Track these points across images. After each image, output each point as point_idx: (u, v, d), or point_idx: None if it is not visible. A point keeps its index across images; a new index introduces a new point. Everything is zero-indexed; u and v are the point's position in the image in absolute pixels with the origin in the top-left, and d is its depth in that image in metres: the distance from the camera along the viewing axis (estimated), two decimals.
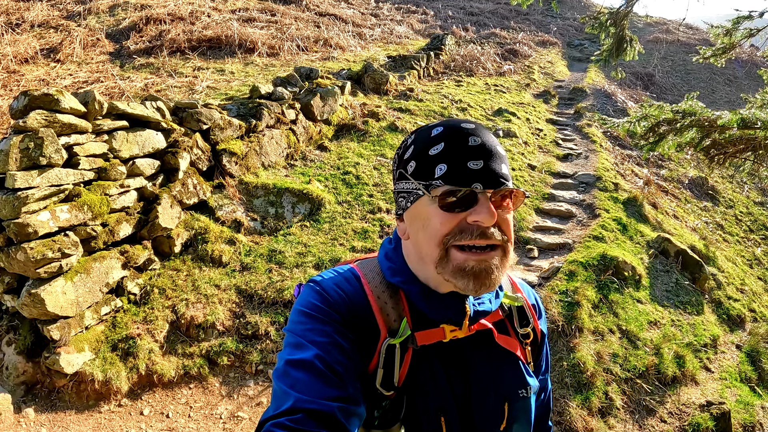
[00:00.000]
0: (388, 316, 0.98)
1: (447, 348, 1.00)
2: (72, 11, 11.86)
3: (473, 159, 0.90)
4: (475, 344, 1.03)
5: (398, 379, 0.95)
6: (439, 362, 0.99)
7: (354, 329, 0.94)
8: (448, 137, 0.93)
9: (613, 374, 4.45)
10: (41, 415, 3.80)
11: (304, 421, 0.78)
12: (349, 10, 16.88)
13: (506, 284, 1.16)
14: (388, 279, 1.02)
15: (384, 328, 0.97)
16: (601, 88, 14.49)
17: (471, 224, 0.89)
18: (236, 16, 12.72)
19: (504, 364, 1.05)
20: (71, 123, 4.19)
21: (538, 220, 7.08)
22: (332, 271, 1.06)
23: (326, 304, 0.95)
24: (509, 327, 1.10)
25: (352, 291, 1.00)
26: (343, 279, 1.02)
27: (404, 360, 0.96)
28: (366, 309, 0.98)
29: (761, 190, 11.60)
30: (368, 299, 0.99)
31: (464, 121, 0.97)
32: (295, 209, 5.88)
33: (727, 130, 5.23)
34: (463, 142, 0.92)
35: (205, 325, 4.48)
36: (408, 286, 1.00)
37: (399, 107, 9.16)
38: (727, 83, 20.00)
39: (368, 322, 0.97)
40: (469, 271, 0.89)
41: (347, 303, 0.97)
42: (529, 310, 1.15)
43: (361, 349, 0.94)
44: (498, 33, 18.20)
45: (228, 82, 8.88)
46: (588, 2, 28.31)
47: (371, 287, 1.02)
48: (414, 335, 0.97)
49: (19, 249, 3.76)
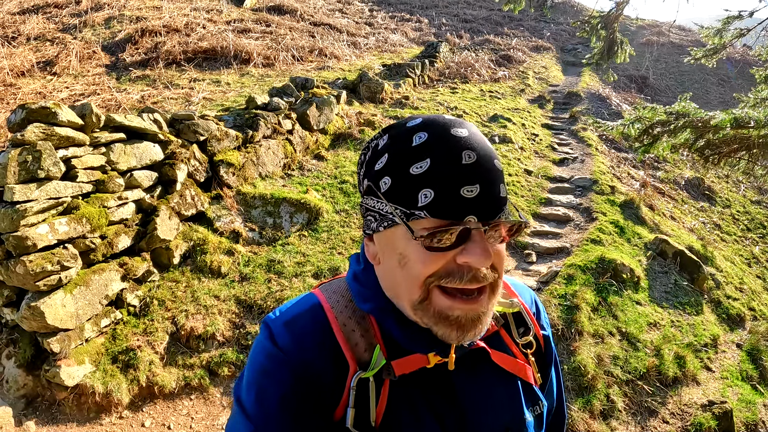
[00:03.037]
0: (357, 346, 0.83)
1: (432, 375, 0.84)
2: (68, 24, 11.91)
3: (468, 183, 0.72)
4: (467, 367, 0.87)
5: (375, 419, 0.80)
6: (422, 393, 0.83)
7: (309, 378, 0.80)
8: (436, 150, 0.74)
9: (614, 376, 4.45)
10: (42, 428, 3.78)
11: None
12: (343, 19, 16.99)
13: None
14: (358, 305, 0.86)
15: (353, 360, 0.81)
16: (596, 92, 14.58)
17: (461, 265, 0.74)
18: (231, 27, 12.79)
19: (503, 387, 0.90)
20: (69, 136, 4.21)
21: (536, 225, 7.10)
22: (291, 305, 0.90)
23: (274, 360, 0.81)
24: (507, 338, 0.95)
25: (310, 327, 0.84)
26: (298, 315, 0.87)
27: (381, 395, 0.81)
28: (329, 343, 0.83)
29: (757, 189, 11.66)
30: (332, 331, 0.84)
31: (453, 122, 0.78)
32: (293, 219, 5.89)
33: (721, 130, 5.27)
34: (455, 158, 0.73)
35: (205, 336, 4.48)
36: (382, 316, 0.83)
37: (395, 115, 9.20)
38: (720, 83, 20.15)
39: (332, 358, 0.82)
40: (454, 321, 0.75)
41: (300, 347, 0.82)
42: (527, 315, 0.99)
43: (322, 399, 0.81)
44: (492, 39, 18.33)
45: (224, 93, 8.92)
46: (580, 7, 28.57)
47: (335, 314, 0.86)
48: (390, 364, 0.81)
49: (18, 262, 3.76)
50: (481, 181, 0.73)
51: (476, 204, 0.72)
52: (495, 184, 0.75)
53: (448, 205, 0.72)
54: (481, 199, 0.72)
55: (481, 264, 0.73)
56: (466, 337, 0.77)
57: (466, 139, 0.75)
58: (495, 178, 0.75)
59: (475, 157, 0.74)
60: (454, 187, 0.72)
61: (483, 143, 0.77)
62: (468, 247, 0.73)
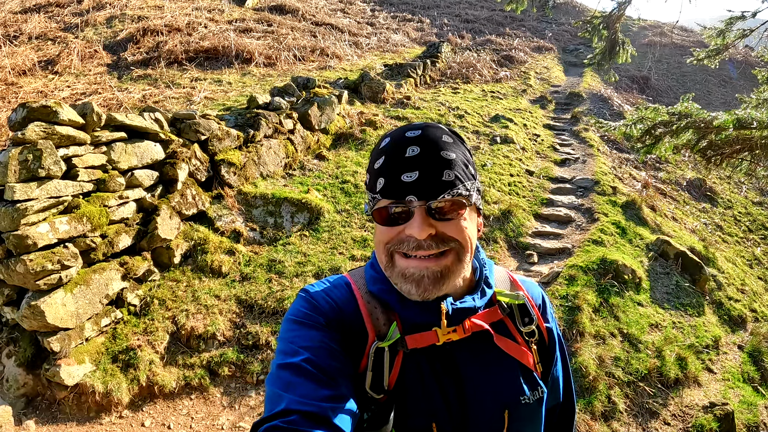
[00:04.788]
0: (377, 320, 0.99)
1: (440, 352, 0.98)
2: (69, 23, 11.92)
3: (408, 171, 0.90)
4: (472, 348, 1.00)
5: (388, 383, 0.95)
6: (430, 367, 0.97)
7: (342, 331, 0.96)
8: (389, 149, 0.94)
9: (616, 378, 4.43)
10: (42, 428, 3.77)
11: (298, 422, 0.79)
12: (345, 19, 16.99)
13: (505, 282, 1.14)
14: (369, 288, 1.04)
15: (372, 331, 0.98)
16: (597, 92, 14.56)
17: (408, 236, 0.91)
18: (233, 26, 12.79)
19: (503, 368, 1.01)
20: (70, 135, 4.21)
21: (537, 226, 7.08)
22: (324, 281, 1.08)
23: (314, 310, 0.98)
24: (511, 327, 1.06)
25: (341, 297, 1.02)
26: (332, 287, 1.05)
27: (394, 364, 0.96)
28: (355, 314, 1.00)
29: (759, 190, 11.63)
30: (357, 304, 1.01)
31: (411, 128, 0.96)
32: (294, 219, 5.88)
33: (723, 130, 5.26)
34: (399, 153, 0.92)
35: (205, 335, 4.47)
36: (387, 295, 1.00)
37: (396, 115, 9.19)
38: (722, 84, 20.12)
39: (357, 326, 0.98)
40: (410, 277, 0.92)
41: (334, 307, 0.99)
42: (532, 307, 1.10)
43: (350, 351, 0.95)
44: (494, 40, 18.31)
45: (225, 93, 8.92)
46: (582, 7, 28.55)
47: (361, 293, 1.03)
48: (404, 338, 0.97)
49: (18, 261, 3.76)
50: (420, 168, 0.90)
51: (415, 186, 0.89)
52: (436, 170, 0.90)
53: (392, 188, 0.91)
54: (420, 182, 0.89)
55: (419, 235, 0.89)
56: (428, 294, 0.92)
57: (415, 138, 0.93)
58: (437, 165, 0.90)
59: (417, 150, 0.91)
60: (397, 174, 0.91)
61: (432, 139, 0.93)
62: (410, 222, 0.91)
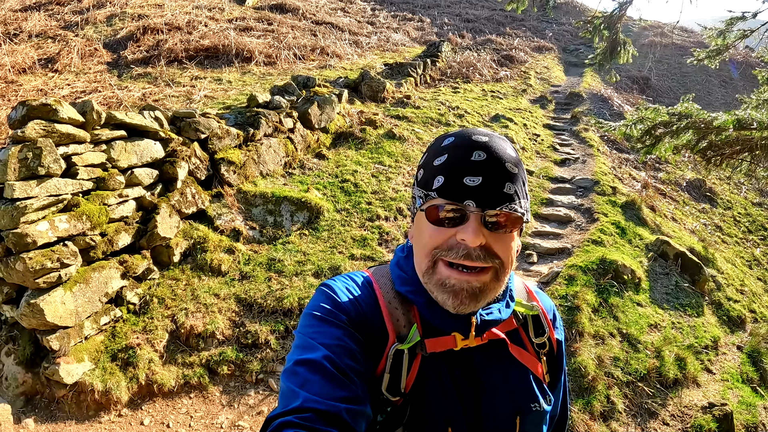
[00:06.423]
0: (398, 322, 0.98)
1: (458, 357, 0.99)
2: (70, 21, 11.90)
3: (471, 174, 0.87)
4: (488, 354, 1.01)
5: (405, 386, 0.94)
6: (448, 371, 0.97)
7: (362, 331, 0.94)
8: (454, 149, 0.91)
9: (615, 378, 4.44)
10: (41, 426, 3.78)
11: (313, 420, 0.78)
12: (345, 18, 16.97)
13: (521, 293, 1.14)
14: (396, 288, 1.02)
15: (393, 332, 0.96)
16: (598, 93, 14.55)
17: (459, 242, 0.88)
18: (233, 25, 12.78)
19: (517, 375, 1.03)
20: (69, 133, 4.20)
21: (537, 225, 7.08)
22: (345, 276, 1.06)
23: (335, 307, 0.96)
24: (524, 337, 1.08)
25: (363, 295, 1.00)
26: (354, 283, 1.03)
27: (412, 366, 0.95)
28: (376, 313, 0.98)
29: (759, 191, 11.64)
30: (379, 304, 0.99)
31: (479, 132, 0.94)
32: (293, 218, 5.88)
33: (723, 131, 5.26)
34: (465, 155, 0.89)
35: (204, 334, 4.47)
36: (415, 297, 0.99)
37: (396, 115, 9.18)
38: (722, 85, 20.12)
39: (377, 326, 0.97)
40: (449, 288, 0.89)
41: (356, 306, 0.97)
42: (545, 319, 1.11)
43: (369, 351, 0.94)
44: (494, 39, 18.29)
45: (225, 92, 8.91)
46: (583, 7, 28.52)
47: (383, 293, 1.02)
48: (424, 342, 0.96)
49: (18, 259, 3.76)
50: (484, 174, 0.87)
51: (476, 192, 0.87)
52: (499, 180, 0.88)
53: (451, 188, 0.88)
54: (482, 189, 0.87)
55: (472, 241, 0.86)
56: (463, 308, 0.90)
57: (483, 143, 0.90)
58: (501, 176, 0.88)
59: (484, 156, 0.89)
60: (459, 176, 0.88)
61: (500, 149, 0.91)
62: (463, 226, 0.88)
